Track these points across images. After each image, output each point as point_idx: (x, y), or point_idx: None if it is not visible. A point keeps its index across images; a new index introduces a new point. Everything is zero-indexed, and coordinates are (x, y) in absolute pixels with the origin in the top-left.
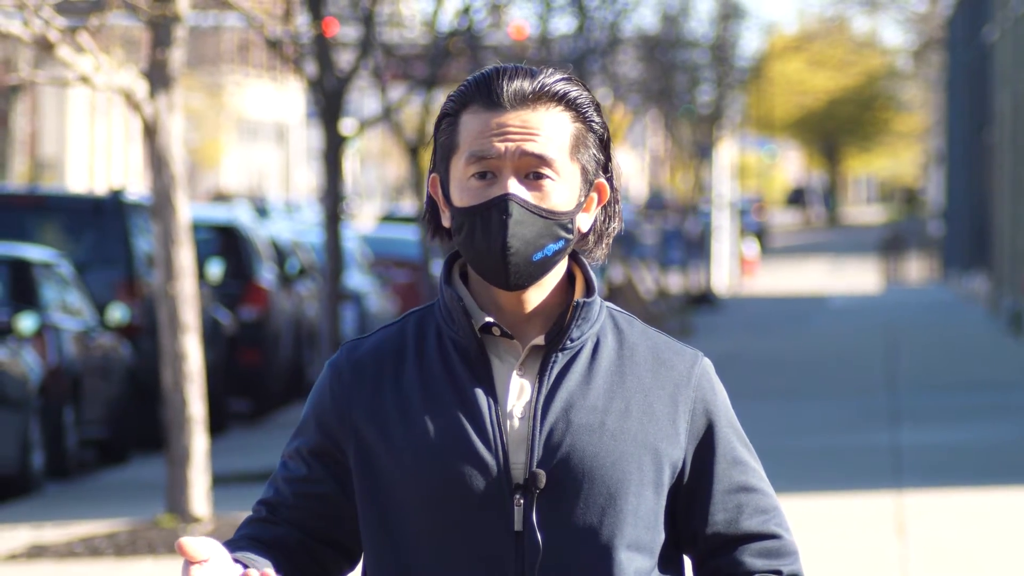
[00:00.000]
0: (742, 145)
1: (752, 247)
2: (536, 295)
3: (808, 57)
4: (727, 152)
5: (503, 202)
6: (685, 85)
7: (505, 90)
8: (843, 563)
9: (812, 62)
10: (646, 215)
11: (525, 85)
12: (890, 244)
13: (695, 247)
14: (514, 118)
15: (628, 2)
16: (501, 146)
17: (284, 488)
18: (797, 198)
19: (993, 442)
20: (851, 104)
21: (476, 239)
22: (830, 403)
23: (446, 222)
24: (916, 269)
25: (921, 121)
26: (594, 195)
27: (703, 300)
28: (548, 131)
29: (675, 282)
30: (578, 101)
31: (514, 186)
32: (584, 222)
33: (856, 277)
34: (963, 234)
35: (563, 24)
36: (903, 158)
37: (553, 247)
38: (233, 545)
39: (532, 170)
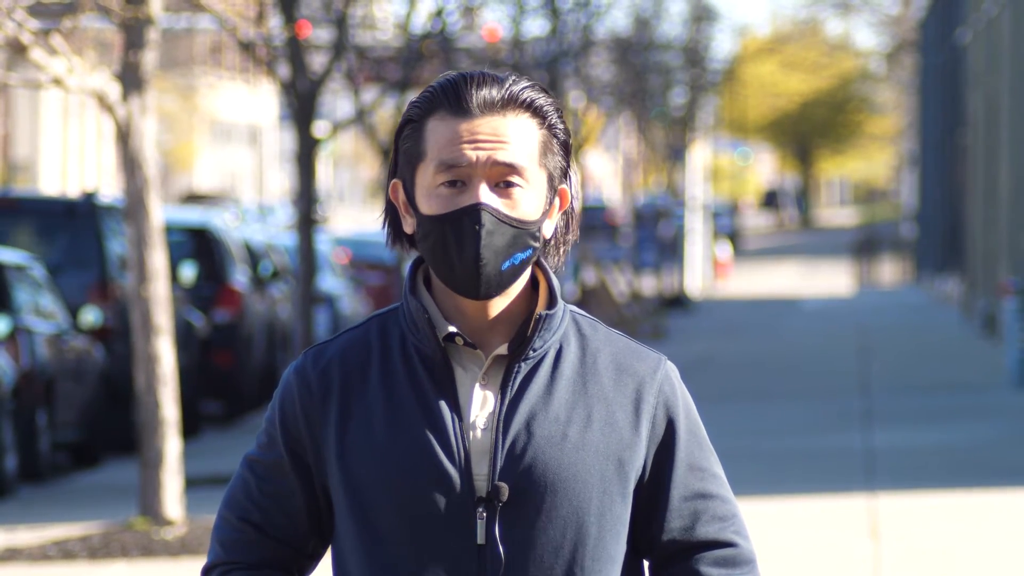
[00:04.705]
0: (715, 147)
1: (725, 249)
2: (501, 302)
3: (781, 59)
4: (700, 154)
5: (475, 211)
6: (658, 87)
7: (474, 97)
8: (816, 565)
9: (785, 64)
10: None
11: (493, 92)
12: (863, 246)
13: (668, 250)
14: (484, 125)
15: (601, 5)
16: (472, 155)
17: (269, 505)
18: (770, 200)
19: (966, 444)
20: (824, 106)
21: (447, 248)
22: (803, 405)
23: (408, 228)
24: (889, 271)
25: (894, 123)
26: (557, 201)
27: (676, 303)
28: (518, 139)
29: (648, 284)
30: (544, 108)
31: (486, 195)
32: (548, 229)
33: (829, 279)
34: (936, 236)
35: (536, 27)
36: (876, 160)
37: (521, 256)
38: None
39: (503, 179)
